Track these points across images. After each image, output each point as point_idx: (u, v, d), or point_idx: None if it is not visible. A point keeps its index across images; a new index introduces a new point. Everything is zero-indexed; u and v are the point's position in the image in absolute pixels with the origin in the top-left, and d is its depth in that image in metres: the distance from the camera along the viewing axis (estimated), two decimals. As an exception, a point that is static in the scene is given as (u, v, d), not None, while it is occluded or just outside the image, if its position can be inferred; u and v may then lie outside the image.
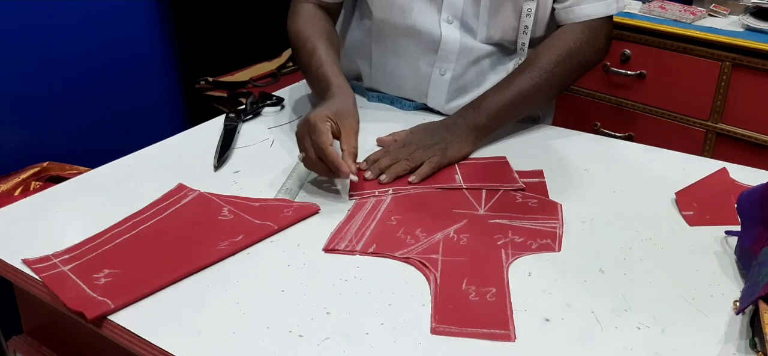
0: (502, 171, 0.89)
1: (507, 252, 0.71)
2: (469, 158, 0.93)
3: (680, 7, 1.66)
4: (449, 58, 1.03)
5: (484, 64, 1.05)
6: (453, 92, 1.06)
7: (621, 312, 0.63)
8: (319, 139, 0.80)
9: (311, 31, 1.00)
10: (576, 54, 0.97)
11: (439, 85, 1.05)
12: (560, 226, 0.76)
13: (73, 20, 1.64)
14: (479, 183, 0.86)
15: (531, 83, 0.95)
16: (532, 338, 0.60)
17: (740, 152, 1.56)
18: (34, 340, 0.80)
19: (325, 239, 0.73)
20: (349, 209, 0.79)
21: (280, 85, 1.28)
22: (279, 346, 0.58)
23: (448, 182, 0.86)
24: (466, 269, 0.69)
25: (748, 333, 0.60)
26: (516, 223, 0.77)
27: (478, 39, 1.02)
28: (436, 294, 0.65)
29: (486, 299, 0.64)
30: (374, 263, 0.70)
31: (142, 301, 0.63)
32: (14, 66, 1.54)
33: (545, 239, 0.74)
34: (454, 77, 1.04)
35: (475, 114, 0.94)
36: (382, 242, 0.73)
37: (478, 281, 0.67)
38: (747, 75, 1.50)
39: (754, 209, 0.68)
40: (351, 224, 0.76)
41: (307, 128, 0.82)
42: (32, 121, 1.61)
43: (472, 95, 1.03)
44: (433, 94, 1.06)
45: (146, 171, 0.89)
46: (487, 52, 1.04)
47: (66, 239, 0.73)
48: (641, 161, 0.93)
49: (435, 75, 1.05)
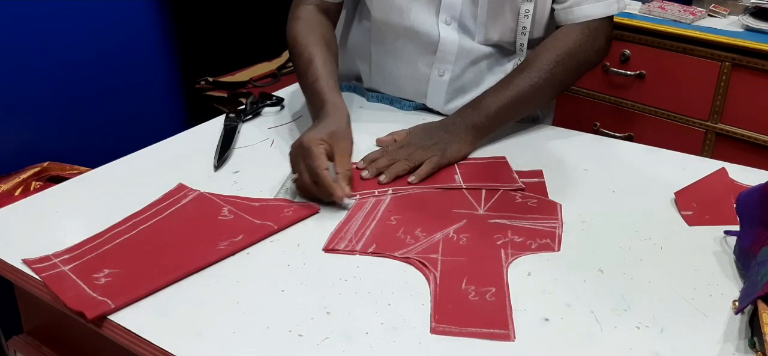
0: (502, 171, 0.89)
1: (506, 252, 0.71)
2: (468, 158, 0.93)
3: (680, 7, 1.66)
4: (448, 59, 1.03)
5: (482, 66, 1.05)
6: (452, 93, 1.06)
7: (620, 311, 0.63)
8: (313, 163, 0.79)
9: (309, 39, 0.99)
10: (576, 54, 0.97)
11: (438, 86, 1.05)
12: (560, 226, 0.76)
13: (73, 21, 1.64)
14: (479, 183, 0.86)
15: (530, 83, 0.95)
16: (531, 338, 0.60)
17: (740, 152, 1.56)
18: (35, 340, 0.80)
19: (325, 240, 0.73)
20: (349, 209, 0.80)
21: (280, 86, 1.28)
22: (279, 346, 0.58)
23: (448, 182, 0.87)
24: (465, 269, 0.69)
25: (748, 333, 0.60)
26: (515, 223, 0.77)
27: (476, 40, 1.03)
28: (436, 293, 0.65)
29: (486, 299, 0.64)
30: (374, 263, 0.70)
31: (142, 301, 0.63)
32: (14, 66, 1.54)
33: (545, 239, 0.74)
34: (453, 78, 1.05)
35: (474, 114, 0.94)
36: (381, 242, 0.73)
37: (477, 281, 0.67)
38: (746, 75, 1.50)
39: (753, 209, 0.68)
40: (351, 224, 0.76)
41: (300, 152, 0.81)
42: (32, 121, 1.61)
43: (471, 95, 1.03)
44: (432, 95, 1.07)
45: (146, 171, 0.89)
46: (485, 54, 1.04)
47: (66, 239, 0.73)
48: (641, 161, 0.93)
49: (434, 76, 1.05)
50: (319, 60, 0.96)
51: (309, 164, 0.79)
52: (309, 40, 0.99)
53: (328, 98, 0.90)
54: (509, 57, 1.06)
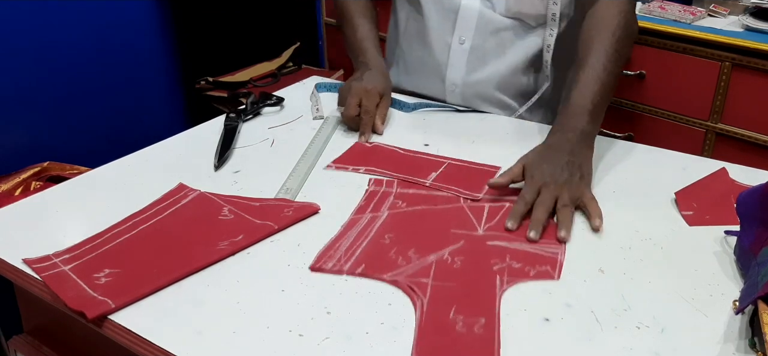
0: (476, 178, 0.86)
1: (502, 279, 0.67)
2: (460, 160, 0.92)
3: (680, 7, 1.66)
4: (468, 26, 1.06)
5: (504, 36, 1.07)
6: (473, 62, 1.08)
7: (621, 311, 0.63)
8: (370, 102, 1.00)
9: (355, 8, 1.15)
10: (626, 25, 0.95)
11: (459, 54, 1.08)
12: (562, 252, 0.72)
13: (73, 20, 1.64)
14: (446, 184, 0.84)
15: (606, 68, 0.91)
16: (532, 338, 0.60)
17: (740, 152, 1.56)
18: (35, 340, 0.80)
19: (325, 240, 0.73)
20: (343, 225, 0.76)
21: (280, 85, 1.28)
22: (279, 346, 0.58)
23: (422, 177, 0.86)
24: (456, 295, 0.64)
25: (748, 333, 0.60)
26: (515, 246, 0.73)
27: (497, 11, 1.05)
28: (421, 322, 0.61)
29: (473, 330, 0.60)
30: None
31: (142, 301, 0.63)
32: (14, 66, 1.54)
33: (544, 265, 0.69)
34: (474, 47, 1.07)
35: (574, 121, 0.87)
36: (371, 262, 0.69)
37: (467, 310, 0.62)
38: (747, 75, 1.50)
39: (753, 210, 0.68)
40: (342, 242, 0.73)
41: (359, 91, 1.01)
42: (32, 121, 1.61)
43: (492, 66, 1.07)
44: (454, 63, 1.09)
45: (146, 171, 0.89)
46: (506, 25, 1.06)
47: (66, 239, 0.73)
48: (641, 161, 0.93)
49: (455, 44, 1.08)
50: (366, 28, 1.13)
51: (365, 103, 1.00)
52: (355, 8, 1.15)
53: (371, 60, 1.09)
54: (533, 30, 1.06)
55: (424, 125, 1.05)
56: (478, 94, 1.10)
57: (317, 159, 0.93)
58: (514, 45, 1.07)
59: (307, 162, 0.91)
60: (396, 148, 0.96)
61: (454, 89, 1.10)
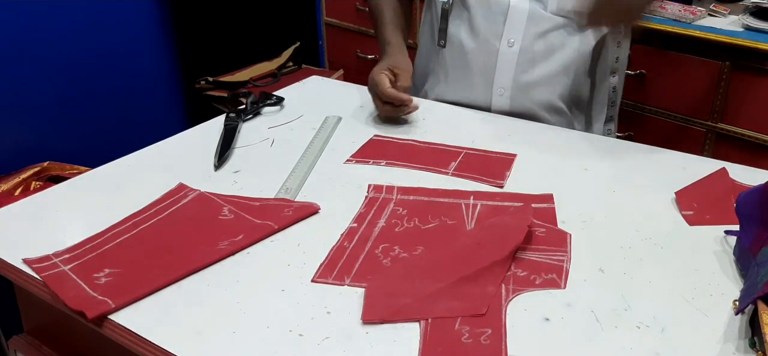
0: (497, 167, 0.89)
1: (507, 287, 0.66)
2: (478, 150, 0.94)
3: (680, 6, 1.66)
4: (517, 27, 1.04)
5: (552, 37, 1.05)
6: (522, 65, 1.05)
7: (621, 311, 0.63)
8: (378, 87, 1.01)
9: (385, 3, 1.18)
10: None
11: (508, 57, 1.05)
12: (567, 260, 0.70)
13: (73, 20, 1.64)
14: (468, 173, 0.87)
15: None
16: (532, 338, 0.60)
17: (740, 152, 1.56)
18: (35, 340, 0.80)
19: (325, 239, 0.73)
20: (342, 234, 0.74)
21: (280, 85, 1.28)
22: (279, 346, 0.58)
23: (442, 167, 0.88)
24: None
25: (748, 333, 0.60)
26: (520, 254, 0.71)
27: (548, 10, 1.04)
28: (426, 333, 0.60)
29: (480, 342, 0.59)
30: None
31: (142, 301, 0.63)
32: (14, 66, 1.54)
33: (551, 273, 0.68)
34: (523, 49, 1.05)
35: None
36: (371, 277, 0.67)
37: (473, 320, 0.61)
38: (747, 75, 1.50)
39: (753, 210, 0.68)
40: (340, 261, 0.70)
41: (370, 84, 1.04)
42: (32, 121, 1.61)
43: (541, 68, 1.05)
44: (502, 67, 1.06)
45: (146, 171, 0.89)
46: (556, 24, 1.04)
47: (66, 239, 0.73)
48: (641, 161, 0.93)
49: (503, 47, 1.05)
50: (388, 14, 1.16)
51: (377, 91, 1.01)
52: (385, 3, 1.18)
53: (391, 40, 1.12)
54: (582, 30, 1.06)
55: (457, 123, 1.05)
56: (527, 96, 1.07)
57: (317, 159, 0.93)
58: (562, 47, 1.05)
59: (306, 162, 0.91)
60: (413, 141, 0.97)
61: (503, 92, 1.07)
